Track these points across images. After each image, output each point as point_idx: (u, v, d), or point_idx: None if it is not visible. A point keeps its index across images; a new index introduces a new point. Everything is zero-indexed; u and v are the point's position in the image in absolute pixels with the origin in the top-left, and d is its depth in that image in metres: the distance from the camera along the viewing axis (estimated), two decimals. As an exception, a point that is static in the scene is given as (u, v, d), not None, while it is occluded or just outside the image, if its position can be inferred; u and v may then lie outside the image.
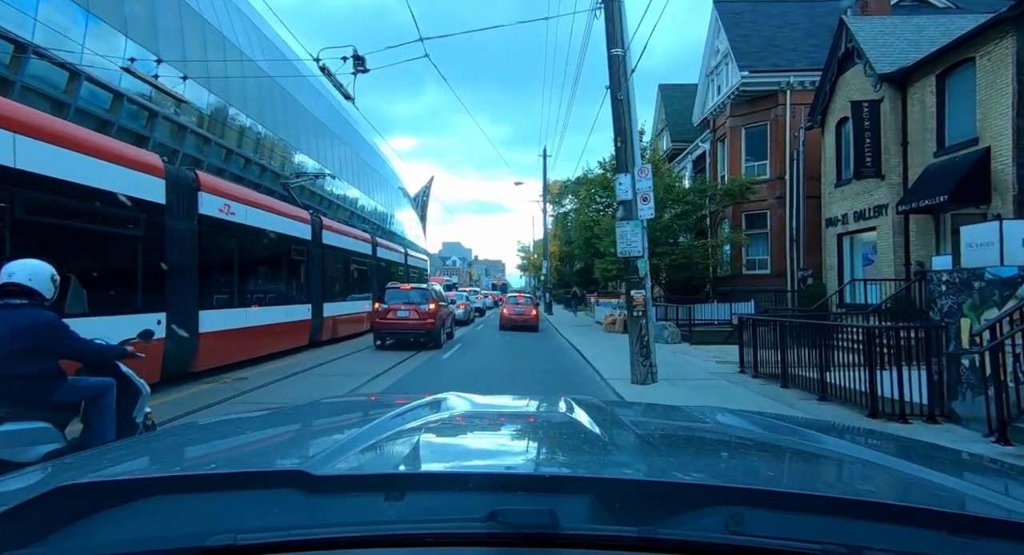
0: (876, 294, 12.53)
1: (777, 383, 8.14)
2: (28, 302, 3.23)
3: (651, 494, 0.80)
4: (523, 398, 2.23)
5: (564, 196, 53.64)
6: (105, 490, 0.79)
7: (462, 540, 0.70)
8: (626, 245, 8.38)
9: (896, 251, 12.57)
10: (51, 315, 3.28)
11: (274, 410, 1.77)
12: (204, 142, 19.67)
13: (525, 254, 59.65)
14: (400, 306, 12.38)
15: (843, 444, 1.25)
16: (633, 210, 8.39)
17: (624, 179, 8.36)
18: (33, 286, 3.25)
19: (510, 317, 19.87)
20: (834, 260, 15.21)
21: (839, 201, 14.84)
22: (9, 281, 3.22)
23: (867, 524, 0.73)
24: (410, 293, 12.71)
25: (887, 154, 12.69)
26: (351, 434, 1.13)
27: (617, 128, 8.39)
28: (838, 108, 14.74)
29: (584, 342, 15.03)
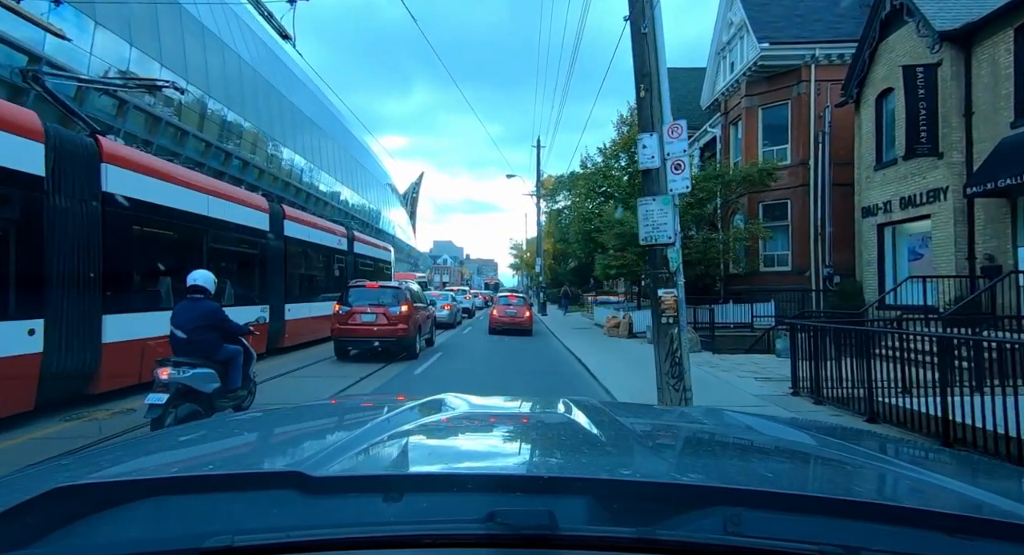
0: (920, 294, 10.53)
1: (854, 412, 6.09)
2: (203, 296, 5.19)
3: (649, 495, 0.81)
4: (521, 399, 2.15)
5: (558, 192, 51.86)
6: (103, 491, 0.80)
7: (460, 541, 0.70)
8: (651, 228, 6.28)
9: (957, 243, 10.58)
10: (216, 304, 5.30)
11: (272, 411, 1.80)
12: (181, 135, 18.72)
13: (518, 252, 57.61)
14: (365, 309, 10.24)
15: (841, 445, 1.26)
16: (661, 182, 6.29)
17: (649, 140, 6.25)
18: (206, 286, 5.23)
19: (500, 319, 17.75)
20: (872, 255, 13.21)
21: (879, 187, 12.84)
22: (193, 284, 5.21)
23: (865, 525, 0.73)
24: (378, 293, 10.57)
25: (946, 128, 10.69)
26: (349, 435, 1.13)
27: (640, 72, 6.28)
28: (879, 78, 12.75)
29: (586, 349, 12.94)
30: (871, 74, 13.04)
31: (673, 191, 6.24)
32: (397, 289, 10.62)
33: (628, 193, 19.17)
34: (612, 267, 16.33)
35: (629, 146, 19.95)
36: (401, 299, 10.38)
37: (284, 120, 27.94)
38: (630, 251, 15.81)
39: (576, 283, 44.90)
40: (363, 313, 10.16)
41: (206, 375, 4.92)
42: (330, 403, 2.05)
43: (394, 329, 10.10)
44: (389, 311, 10.17)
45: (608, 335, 16.58)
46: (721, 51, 19.94)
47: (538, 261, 32.64)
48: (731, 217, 18.36)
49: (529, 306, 18.86)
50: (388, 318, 10.16)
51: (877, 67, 12.80)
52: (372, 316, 10.15)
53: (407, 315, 10.30)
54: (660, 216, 6.19)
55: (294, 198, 26.87)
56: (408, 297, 10.62)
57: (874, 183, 13.09)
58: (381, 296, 10.46)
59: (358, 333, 10.15)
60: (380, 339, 10.14)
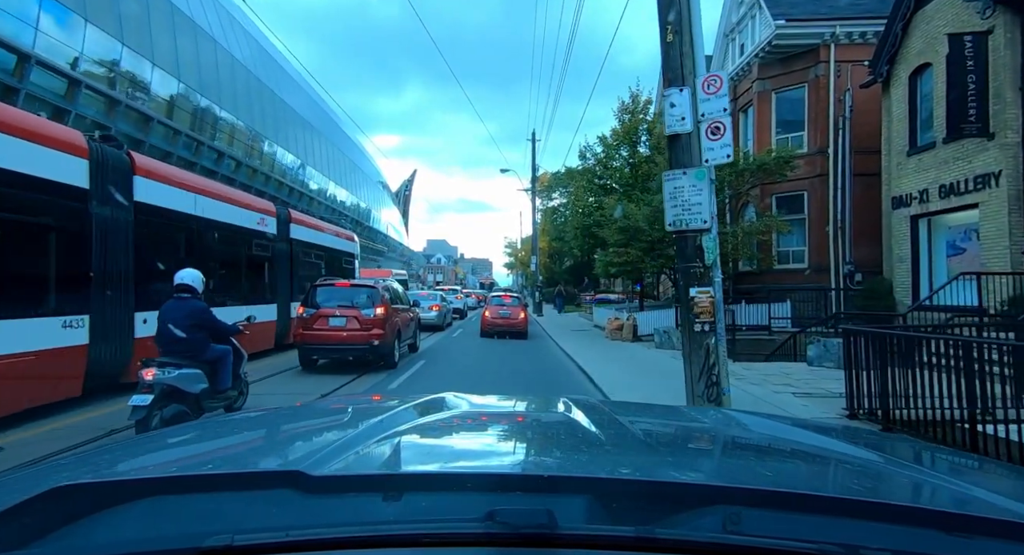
0: (968, 293, 9.25)
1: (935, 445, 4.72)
2: (191, 296, 5.12)
3: (649, 494, 0.81)
4: (521, 399, 2.08)
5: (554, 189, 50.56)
6: (102, 490, 0.79)
7: (460, 540, 0.69)
8: (681, 210, 4.93)
9: (1012, 235, 9.28)
10: (204, 304, 5.22)
11: (271, 411, 1.76)
12: (173, 134, 18.47)
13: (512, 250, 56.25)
14: (334, 311, 8.82)
15: (841, 444, 1.27)
16: (693, 151, 4.94)
17: (678, 97, 4.89)
18: (193, 285, 5.17)
19: (493, 321, 16.35)
20: (905, 250, 11.92)
21: (914, 174, 11.54)
22: (180, 282, 5.17)
23: (865, 524, 0.73)
24: (350, 293, 9.16)
25: (998, 104, 9.40)
26: (349, 434, 1.13)
27: (665, 12, 4.90)
28: (913, 53, 11.45)
29: (588, 355, 11.58)
30: (904, 49, 11.74)
31: (709, 162, 4.88)
32: (372, 289, 9.15)
33: (631, 185, 17.83)
34: (614, 264, 14.97)
35: (631, 135, 18.63)
36: (376, 300, 8.96)
37: (277, 118, 27.63)
38: (634, 246, 14.46)
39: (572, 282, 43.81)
40: (331, 316, 8.74)
41: (193, 376, 4.92)
42: (329, 402, 2.22)
43: (367, 335, 8.69)
44: (362, 314, 8.75)
45: (610, 338, 15.22)
46: (730, 33, 18.63)
47: (533, 259, 31.25)
48: (741, 210, 17.05)
49: (524, 306, 17.47)
50: (360, 322, 8.74)
51: (911, 41, 11.50)
52: (342, 320, 8.73)
53: (383, 318, 8.89)
54: (692, 194, 4.82)
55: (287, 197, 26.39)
56: (385, 298, 9.20)
57: (907, 170, 11.78)
58: (353, 296, 9.03)
59: (325, 339, 8.73)
60: (351, 347, 8.71)
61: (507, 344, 14.81)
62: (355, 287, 9.36)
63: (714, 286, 4.93)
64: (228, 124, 22.42)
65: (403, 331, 10.19)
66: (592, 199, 19.18)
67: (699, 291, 4.87)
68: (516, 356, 12.44)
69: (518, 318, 16.40)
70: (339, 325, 8.72)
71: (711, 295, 4.89)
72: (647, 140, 18.62)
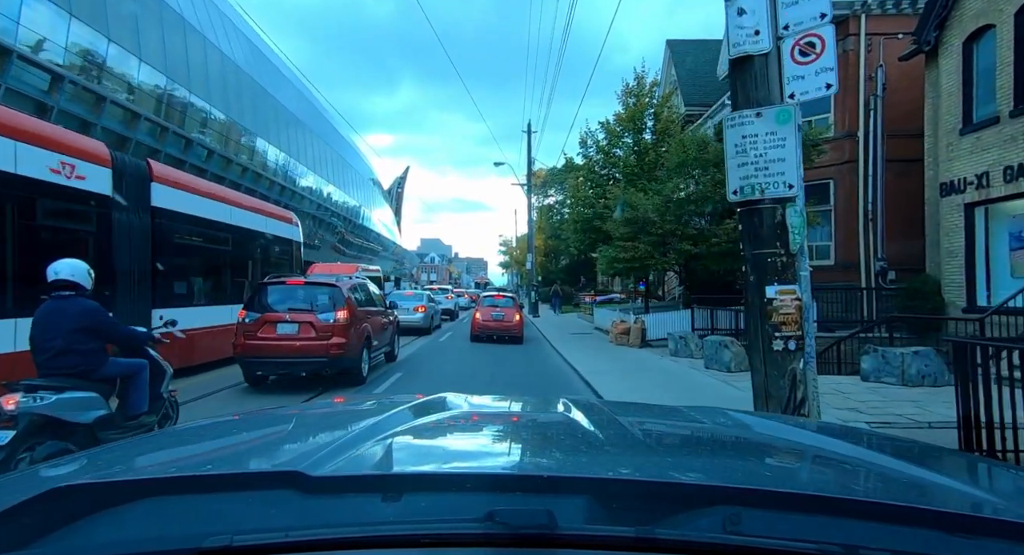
0: None
1: None
2: (74, 293, 3.91)
3: (648, 494, 0.80)
4: (520, 399, 2.04)
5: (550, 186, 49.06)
6: (101, 491, 0.79)
7: (459, 541, 0.69)
8: (753, 169, 3.35)
9: (1104, 223, 7.73)
10: (95, 303, 3.99)
11: (270, 411, 1.77)
12: (161, 131, 17.83)
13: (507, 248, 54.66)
14: (283, 316, 7.13)
15: (841, 444, 1.25)
16: (770, 82, 3.37)
17: (751, 1, 3.25)
18: (76, 280, 3.94)
19: (485, 324, 14.72)
20: (957, 243, 10.37)
21: (969, 155, 10.00)
22: (57, 278, 3.90)
23: (865, 524, 0.73)
24: (304, 293, 7.44)
25: (1085, 67, 7.85)
26: (348, 435, 1.11)
27: None
28: (970, 15, 9.90)
29: (595, 365, 9.98)
30: (957, 11, 10.19)
31: (797, 97, 3.25)
32: (332, 288, 7.43)
33: (636, 174, 16.23)
34: (619, 261, 13.36)
35: (636, 120, 17.02)
36: (338, 302, 7.29)
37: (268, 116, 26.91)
38: (642, 240, 12.86)
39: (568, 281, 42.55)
40: (280, 322, 7.06)
41: (80, 401, 3.80)
42: (328, 403, 2.11)
43: (325, 345, 7.02)
44: (318, 319, 7.08)
45: (615, 343, 13.62)
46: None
47: (529, 257, 29.64)
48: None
49: (519, 307, 15.84)
50: (317, 329, 7.07)
51: (967, 1, 9.94)
52: (293, 327, 7.05)
53: (345, 324, 7.23)
54: (770, 146, 3.22)
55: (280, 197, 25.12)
56: (349, 299, 7.51)
57: (959, 152, 10.24)
58: (308, 298, 7.34)
59: (272, 351, 6.99)
60: (304, 360, 7.02)
61: (500, 350, 13.18)
62: (311, 286, 7.57)
63: (800, 283, 3.32)
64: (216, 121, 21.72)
65: (375, 338, 8.53)
66: (592, 192, 17.55)
67: (781, 290, 3.27)
68: (510, 366, 10.82)
69: (512, 320, 14.76)
70: (289, 333, 7.04)
71: (797, 296, 3.29)
72: (653, 126, 17.02)
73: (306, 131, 32.17)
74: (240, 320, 7.15)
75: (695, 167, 13.01)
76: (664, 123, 16.70)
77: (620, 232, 13.28)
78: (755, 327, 3.38)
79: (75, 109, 14.74)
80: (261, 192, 24.91)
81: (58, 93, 14.03)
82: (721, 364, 8.62)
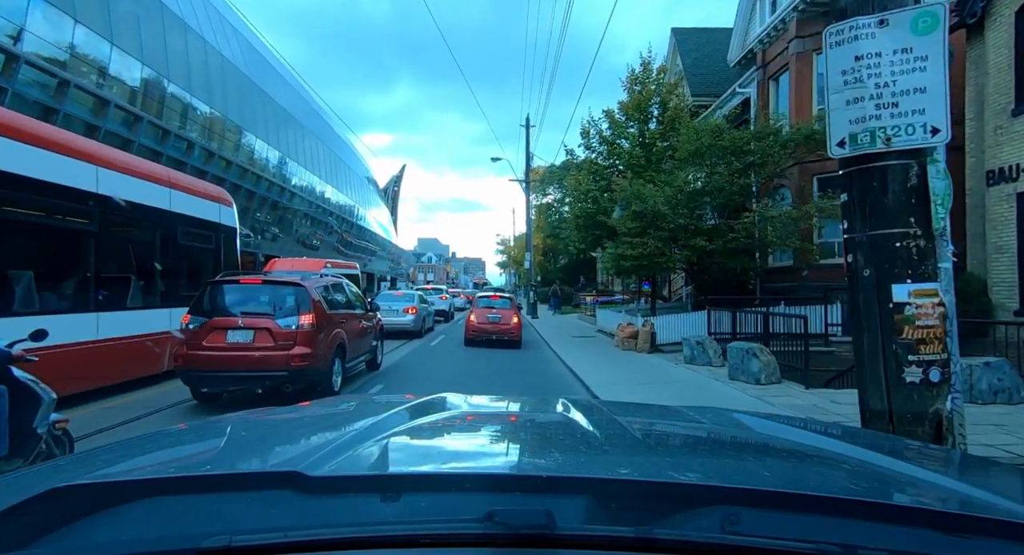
0: None
1: None
2: None
3: (647, 494, 0.80)
4: (520, 399, 2.09)
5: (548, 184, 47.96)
6: (100, 491, 0.79)
7: (459, 541, 0.69)
8: (873, 107, 2.17)
9: None
10: None
11: (269, 411, 1.70)
12: (134, 120, 16.63)
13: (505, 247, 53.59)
14: (235, 321, 6.00)
15: (840, 444, 1.25)
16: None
17: None
18: None
19: (480, 327, 13.59)
20: (1008, 237, 9.28)
21: (1022, 139, 8.91)
22: None
23: (863, 524, 0.73)
24: (261, 294, 6.28)
25: None
26: (347, 435, 1.11)
27: None
28: (1024, -19, 8.81)
29: (603, 375, 8.86)
30: (1008, -22, 9.10)
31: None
32: (296, 288, 6.23)
33: (642, 167, 15.11)
34: (627, 258, 12.23)
35: (642, 108, 15.89)
36: (303, 304, 6.14)
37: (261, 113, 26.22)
38: (652, 236, 11.74)
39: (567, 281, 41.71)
40: (231, 329, 5.92)
41: None
42: (328, 403, 2.13)
43: (286, 355, 5.86)
44: (278, 325, 5.95)
45: (622, 348, 12.49)
46: (757, -11, 15.97)
47: (527, 256, 28.53)
48: (770, 196, 14.33)
49: (517, 309, 14.70)
50: (275, 337, 5.90)
51: (1021, -35, 8.86)
52: (246, 334, 5.90)
53: (312, 331, 6.06)
54: (901, 69, 2.16)
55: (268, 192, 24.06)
56: (316, 301, 6.36)
57: (1010, 135, 9.15)
58: (266, 299, 6.19)
59: (220, 363, 5.73)
60: (260, 373, 5.87)
61: (496, 355, 12.05)
62: (271, 286, 6.38)
63: (942, 279, 2.19)
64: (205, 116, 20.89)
65: (352, 346, 7.38)
66: (595, 185, 16.40)
67: (917, 291, 2.17)
68: (507, 374, 9.69)
69: (510, 323, 13.62)
70: (242, 342, 5.87)
71: (939, 300, 2.16)
72: (660, 115, 15.89)
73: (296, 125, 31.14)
74: (184, 325, 5.98)
75: (710, 156, 11.89)
76: (673, 112, 15.57)
77: (627, 227, 12.16)
78: (872, 346, 2.26)
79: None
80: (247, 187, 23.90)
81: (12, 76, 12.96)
82: (749, 375, 7.50)
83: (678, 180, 12.07)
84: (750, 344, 7.82)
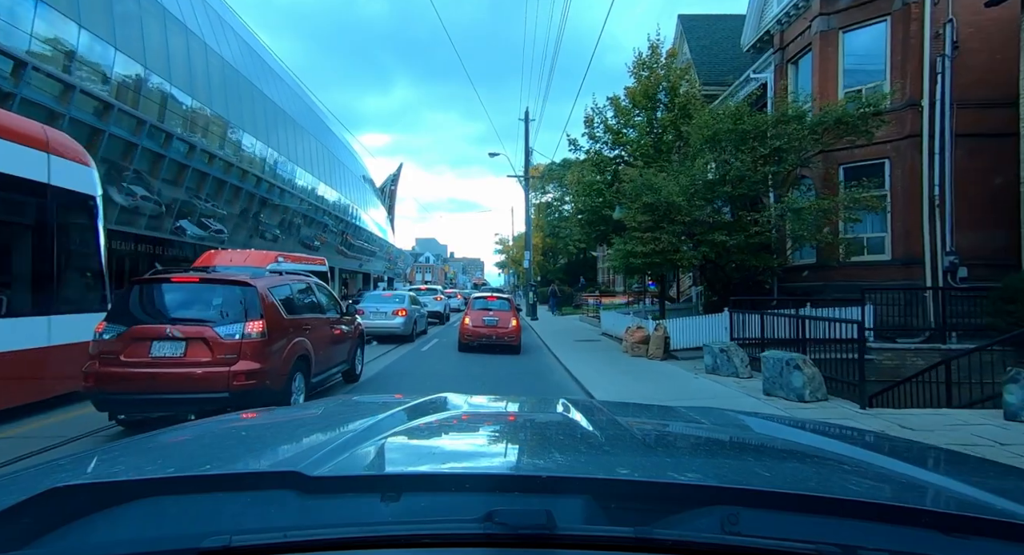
0: None
1: None
2: None
3: (647, 494, 0.80)
4: (520, 399, 2.11)
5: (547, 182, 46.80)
6: (100, 491, 0.78)
7: (459, 541, 0.69)
8: None
9: None
10: None
11: (269, 411, 1.72)
12: (104, 108, 15.66)
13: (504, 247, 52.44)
14: (162, 330, 4.77)
15: (840, 444, 1.27)
16: None
17: None
18: None
19: (475, 330, 12.45)
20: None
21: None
22: None
23: (862, 524, 0.73)
24: (197, 295, 5.08)
25: None
26: (347, 435, 1.11)
27: None
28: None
29: (613, 387, 7.72)
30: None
31: None
32: (244, 288, 5.01)
33: (651, 156, 13.95)
34: (637, 255, 11.06)
35: (650, 95, 14.74)
36: (251, 308, 4.93)
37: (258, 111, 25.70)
38: (666, 230, 10.58)
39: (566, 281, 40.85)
40: (157, 339, 4.75)
41: None
42: (328, 403, 2.13)
43: (227, 373, 4.66)
44: (218, 335, 4.77)
45: (631, 354, 11.33)
46: (774, -34, 14.83)
47: (527, 254, 27.34)
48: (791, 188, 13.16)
49: (516, 311, 13.55)
50: (215, 349, 4.71)
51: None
52: (176, 346, 4.69)
53: (261, 342, 4.87)
54: None
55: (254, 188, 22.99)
56: (271, 304, 5.20)
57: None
58: (205, 302, 5.00)
59: (142, 383, 4.56)
60: (193, 395, 4.64)
61: (493, 362, 10.90)
62: (211, 286, 5.15)
63: None
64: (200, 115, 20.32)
65: (321, 356, 6.22)
66: (599, 178, 15.23)
67: None
68: (505, 385, 8.55)
69: (508, 326, 12.48)
70: (170, 355, 4.70)
71: None
72: (670, 101, 14.72)
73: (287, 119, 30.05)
74: (97, 335, 4.79)
75: (729, 142, 10.73)
76: (684, 98, 14.41)
77: (638, 221, 11.00)
78: None
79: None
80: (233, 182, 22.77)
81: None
82: (789, 390, 6.35)
83: (695, 168, 10.90)
84: (789, 354, 6.66)
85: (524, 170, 28.19)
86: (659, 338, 10.81)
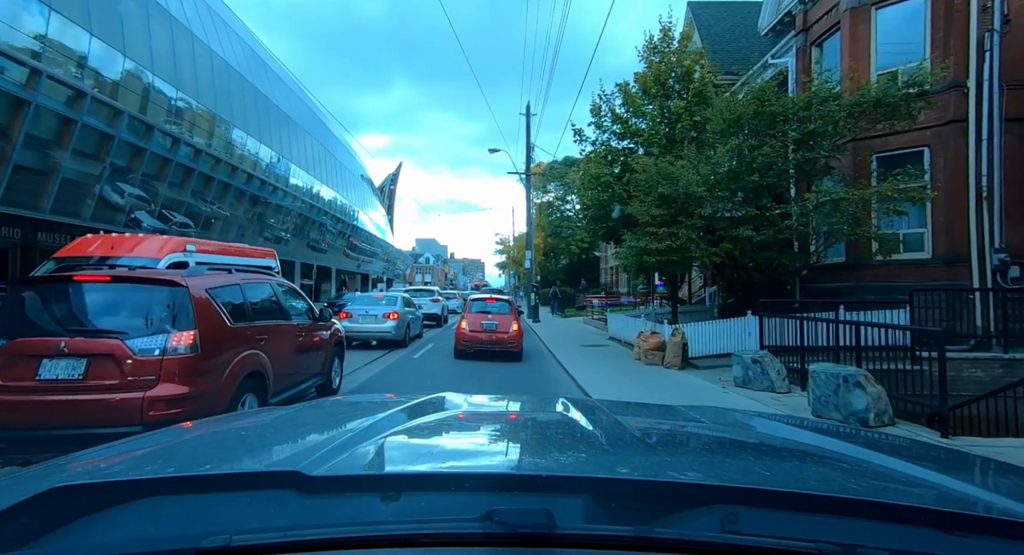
0: None
1: None
2: None
3: (647, 493, 0.80)
4: (520, 399, 2.06)
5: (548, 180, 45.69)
6: (100, 491, 0.78)
7: (458, 540, 0.69)
8: None
9: None
10: None
11: (269, 411, 1.74)
12: (76, 97, 14.22)
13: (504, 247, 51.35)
14: (56, 345, 3.60)
15: (840, 444, 1.25)
16: None
17: None
18: None
19: (473, 335, 11.36)
20: None
21: None
22: None
23: (862, 523, 0.72)
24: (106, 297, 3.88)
25: None
26: (347, 434, 1.11)
27: None
28: None
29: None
30: None
31: None
32: (171, 288, 3.89)
33: (664, 146, 12.85)
34: (651, 252, 9.96)
35: (663, 79, 13.64)
36: (180, 315, 3.79)
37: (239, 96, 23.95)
38: (685, 225, 9.49)
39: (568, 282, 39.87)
40: (48, 356, 3.62)
41: None
42: (328, 403, 2.10)
43: (141, 400, 3.52)
44: (128, 350, 3.64)
45: (645, 362, 10.23)
46: (796, -59, 13.73)
47: (528, 254, 26.24)
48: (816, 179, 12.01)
49: (517, 314, 12.44)
50: (125, 369, 3.58)
51: None
52: (75, 365, 3.56)
53: (192, 359, 3.74)
54: None
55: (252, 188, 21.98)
56: (209, 307, 4.09)
57: None
58: (116, 307, 3.90)
59: (29, 414, 3.49)
60: (95, 431, 3.48)
61: (491, 371, 9.81)
62: (124, 285, 4.00)
63: None
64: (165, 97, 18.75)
65: (283, 371, 5.12)
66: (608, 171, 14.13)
67: None
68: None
69: (508, 331, 11.38)
70: (66, 377, 3.58)
71: None
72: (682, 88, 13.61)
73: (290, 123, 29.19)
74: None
75: (754, 126, 9.62)
76: (699, 84, 13.31)
77: (652, 215, 9.89)
78: None
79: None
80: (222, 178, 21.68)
81: None
82: (848, 413, 5.23)
83: (716, 156, 9.80)
84: (846, 367, 5.54)
85: (525, 167, 27.10)
86: (677, 345, 9.71)
